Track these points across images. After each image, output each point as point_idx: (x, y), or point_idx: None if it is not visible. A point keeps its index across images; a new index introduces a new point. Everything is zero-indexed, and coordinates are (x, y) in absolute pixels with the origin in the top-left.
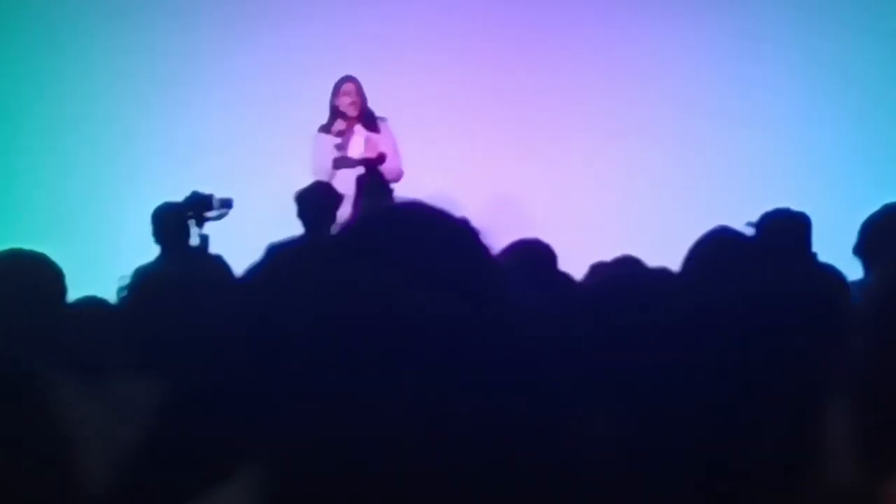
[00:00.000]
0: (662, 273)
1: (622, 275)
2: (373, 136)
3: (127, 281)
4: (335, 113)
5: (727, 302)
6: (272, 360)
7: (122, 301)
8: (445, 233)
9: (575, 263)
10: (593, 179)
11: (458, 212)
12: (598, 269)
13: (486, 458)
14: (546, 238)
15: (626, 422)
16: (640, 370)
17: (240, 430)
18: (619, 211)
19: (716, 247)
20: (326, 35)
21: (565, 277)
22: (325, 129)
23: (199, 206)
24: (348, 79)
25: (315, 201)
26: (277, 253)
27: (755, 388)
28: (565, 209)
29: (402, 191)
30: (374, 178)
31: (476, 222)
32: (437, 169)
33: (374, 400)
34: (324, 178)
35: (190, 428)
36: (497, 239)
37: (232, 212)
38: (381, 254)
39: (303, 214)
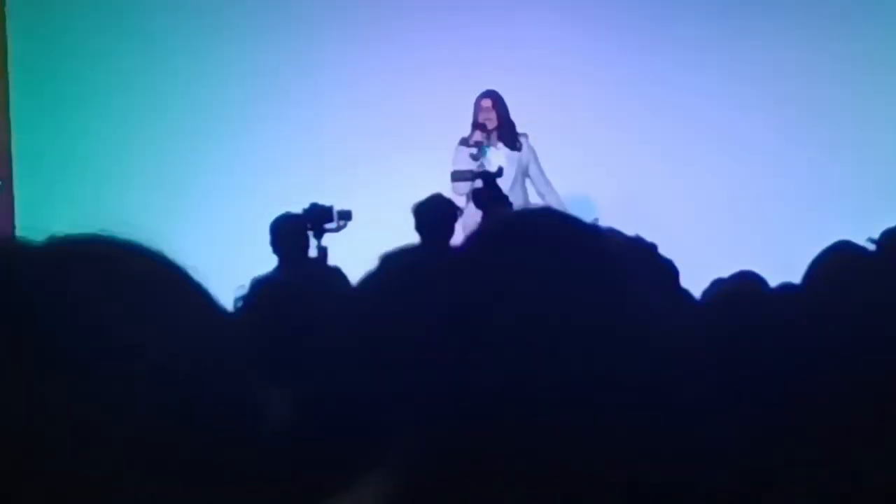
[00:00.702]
0: (784, 289)
1: (743, 291)
2: (511, 152)
3: (244, 291)
4: (475, 125)
5: (850, 318)
6: (393, 370)
7: (240, 310)
8: (573, 240)
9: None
10: (713, 187)
11: (586, 217)
12: (717, 285)
13: (613, 465)
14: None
15: (749, 436)
16: (762, 387)
17: (362, 439)
18: (735, 221)
19: (837, 262)
20: (452, 43)
21: (686, 293)
22: (465, 141)
23: (319, 217)
24: (486, 94)
25: (433, 214)
26: (396, 262)
27: (881, 406)
28: (686, 213)
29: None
30: (490, 191)
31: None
32: (565, 172)
33: (501, 408)
34: (459, 190)
35: (313, 436)
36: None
37: (350, 224)
38: (507, 261)
39: (420, 227)
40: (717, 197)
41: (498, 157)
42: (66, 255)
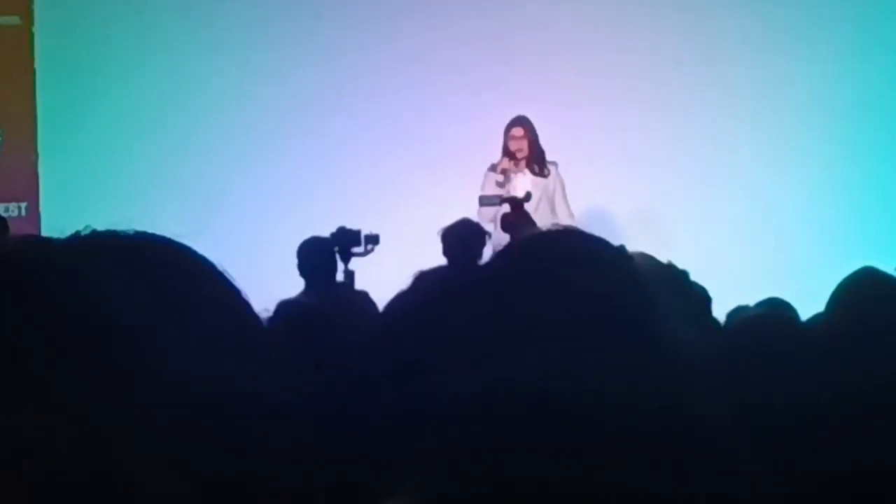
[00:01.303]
0: (811, 319)
1: (768, 318)
2: (537, 178)
3: (269, 314)
4: (505, 152)
5: (877, 346)
6: (418, 390)
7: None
8: (600, 261)
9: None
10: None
11: (611, 239)
12: (741, 312)
13: (643, 486)
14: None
15: (775, 466)
16: (788, 414)
17: (383, 461)
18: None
19: (863, 288)
20: (484, 66)
21: (715, 321)
22: (494, 167)
23: (346, 241)
24: (517, 122)
25: (461, 238)
26: (426, 281)
27: None
28: (709, 236)
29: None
30: (519, 216)
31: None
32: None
33: (526, 428)
34: (485, 217)
35: (332, 454)
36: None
37: (378, 248)
38: (533, 280)
39: (448, 251)
40: (739, 218)
41: (524, 183)
42: (98, 249)
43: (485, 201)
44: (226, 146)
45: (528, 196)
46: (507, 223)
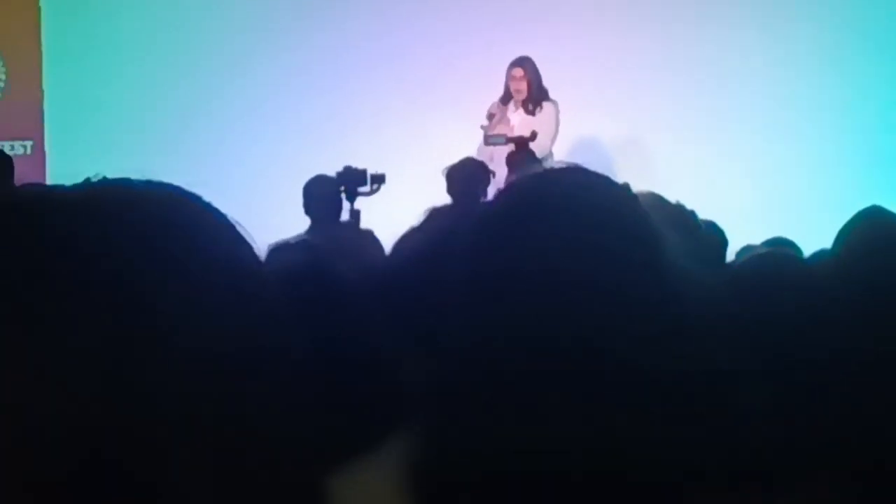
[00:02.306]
0: (815, 256)
1: (773, 256)
2: (527, 116)
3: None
4: (505, 92)
5: (885, 285)
6: (427, 326)
7: (272, 269)
8: (603, 198)
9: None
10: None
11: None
12: (747, 251)
13: (642, 421)
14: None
15: (778, 406)
16: (794, 355)
17: (385, 401)
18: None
19: (870, 227)
20: (487, 5)
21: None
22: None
23: (352, 181)
24: (517, 62)
25: (466, 177)
26: (432, 219)
27: None
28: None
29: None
30: (524, 155)
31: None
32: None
33: (525, 372)
34: (481, 154)
35: (336, 398)
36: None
37: (385, 187)
38: (537, 217)
39: (452, 190)
40: (744, 158)
41: (515, 121)
42: (107, 198)
43: (490, 141)
44: (232, 82)
45: (533, 135)
46: (511, 162)
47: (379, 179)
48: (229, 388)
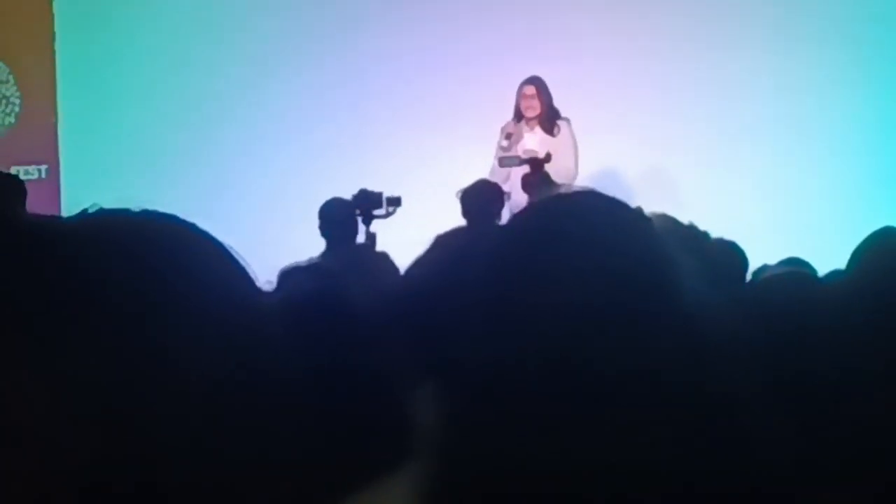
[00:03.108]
0: (830, 276)
1: (789, 275)
2: (546, 136)
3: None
4: (516, 113)
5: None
6: (440, 353)
7: (280, 296)
8: (618, 222)
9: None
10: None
11: (630, 201)
12: (763, 271)
13: (654, 448)
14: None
15: (793, 426)
16: (809, 375)
17: (395, 426)
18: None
19: (883, 249)
20: (499, 28)
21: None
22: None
23: (368, 203)
24: (529, 80)
25: (480, 199)
26: (444, 244)
27: None
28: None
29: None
30: (539, 177)
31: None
32: (610, 164)
33: (539, 392)
34: (496, 176)
35: (344, 423)
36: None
37: (400, 210)
38: (551, 242)
39: (467, 213)
40: (757, 178)
41: (533, 142)
42: (103, 229)
43: (505, 162)
44: (247, 110)
45: (548, 157)
46: (526, 184)
47: (395, 202)
48: (228, 416)
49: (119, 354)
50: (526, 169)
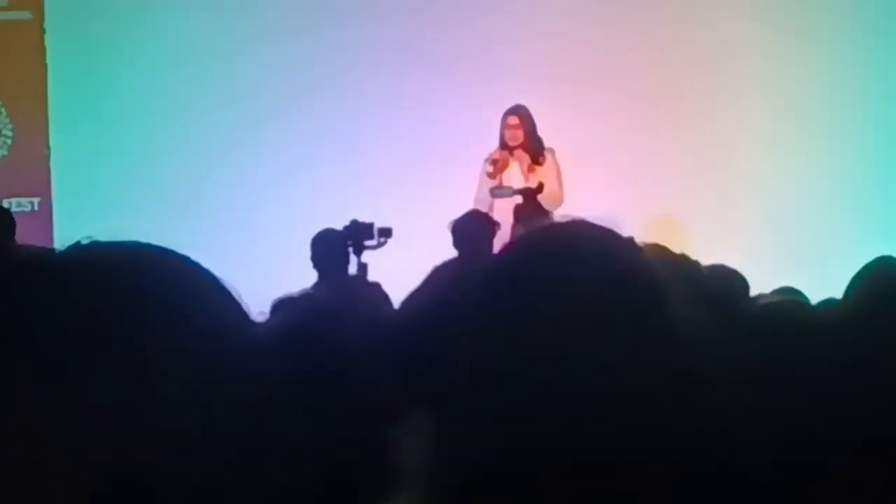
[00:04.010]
0: (827, 305)
1: (785, 307)
2: (533, 165)
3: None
4: (500, 142)
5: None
6: (432, 385)
7: (272, 326)
8: (610, 252)
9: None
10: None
11: (621, 231)
12: (756, 300)
13: (651, 481)
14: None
15: (787, 452)
16: (804, 405)
17: (386, 457)
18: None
19: (879, 278)
20: (487, 57)
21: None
22: (489, 157)
23: (359, 234)
24: (513, 111)
25: (472, 230)
26: (439, 275)
27: None
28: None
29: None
30: (532, 207)
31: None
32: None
33: (531, 425)
34: (481, 206)
35: (339, 454)
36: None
37: (390, 241)
38: (542, 272)
39: (459, 244)
40: (748, 209)
41: (518, 172)
42: (94, 261)
43: (497, 193)
44: (238, 143)
45: (540, 187)
46: (519, 214)
47: (386, 233)
48: (216, 442)
49: (109, 384)
50: (518, 200)
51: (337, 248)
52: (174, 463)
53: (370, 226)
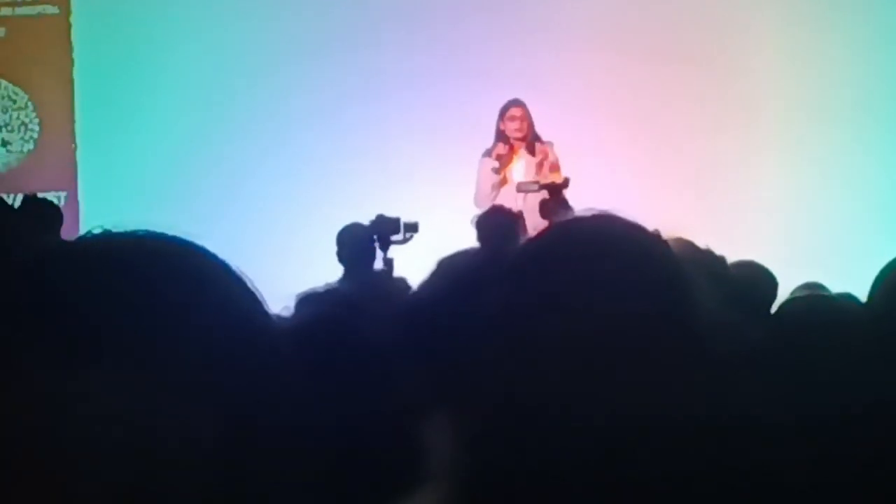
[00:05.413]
0: (851, 301)
1: (808, 302)
2: (532, 158)
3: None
4: (499, 136)
5: None
6: (454, 379)
7: (297, 320)
8: (636, 245)
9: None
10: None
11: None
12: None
13: (667, 464)
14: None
15: (815, 450)
16: (828, 400)
17: (409, 451)
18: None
19: None
20: (499, 59)
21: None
22: (489, 152)
23: (385, 229)
24: (515, 103)
25: (496, 226)
26: (452, 266)
27: None
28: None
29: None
30: (558, 202)
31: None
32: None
33: (548, 421)
34: (484, 202)
35: (359, 448)
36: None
37: (417, 236)
38: (566, 266)
39: (483, 240)
40: (766, 205)
41: (520, 164)
42: (109, 250)
43: (522, 187)
44: (265, 137)
45: (566, 182)
46: (545, 209)
47: (412, 228)
48: (236, 438)
49: (126, 374)
50: (544, 194)
51: (363, 242)
52: (196, 456)
53: (396, 220)
